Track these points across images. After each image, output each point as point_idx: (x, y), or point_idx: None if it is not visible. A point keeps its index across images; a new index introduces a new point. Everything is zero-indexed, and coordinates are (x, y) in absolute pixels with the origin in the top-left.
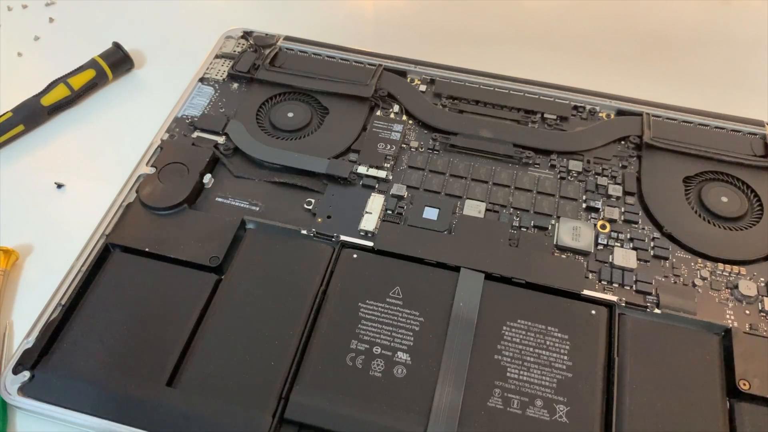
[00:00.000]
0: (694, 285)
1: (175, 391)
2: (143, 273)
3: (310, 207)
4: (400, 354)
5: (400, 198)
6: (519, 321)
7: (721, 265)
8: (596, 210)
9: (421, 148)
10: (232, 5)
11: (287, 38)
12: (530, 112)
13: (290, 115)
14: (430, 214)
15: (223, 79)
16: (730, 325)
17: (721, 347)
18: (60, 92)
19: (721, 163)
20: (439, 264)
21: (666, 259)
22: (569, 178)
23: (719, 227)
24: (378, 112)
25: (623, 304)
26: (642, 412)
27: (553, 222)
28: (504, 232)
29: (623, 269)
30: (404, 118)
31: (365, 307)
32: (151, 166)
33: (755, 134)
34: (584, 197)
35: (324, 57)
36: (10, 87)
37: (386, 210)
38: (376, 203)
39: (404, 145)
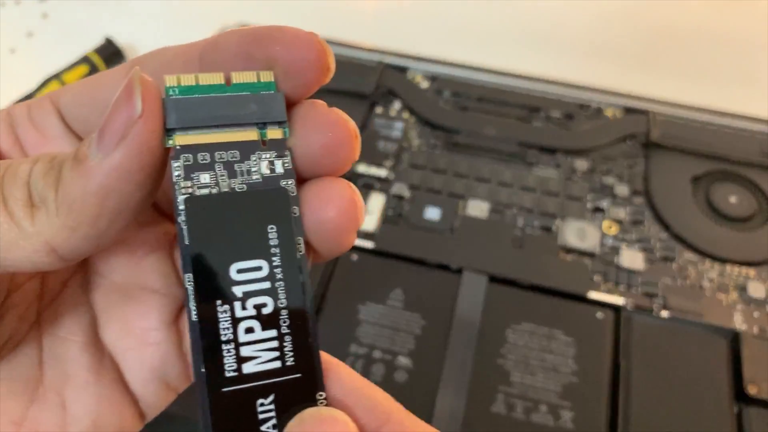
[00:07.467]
0: (701, 287)
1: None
2: None
3: None
4: (401, 358)
5: (401, 197)
6: (523, 324)
7: (729, 267)
8: (602, 210)
9: (423, 147)
10: None
11: None
12: (535, 110)
13: None
14: (432, 214)
15: None
16: (739, 328)
17: (729, 351)
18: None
19: (730, 162)
20: (441, 265)
21: (673, 260)
22: (575, 177)
23: (728, 228)
24: (378, 110)
25: (630, 308)
26: (648, 416)
27: (558, 222)
28: (508, 233)
29: (630, 271)
30: (405, 115)
31: (365, 309)
32: None
33: (765, 133)
34: (590, 197)
35: None
36: (3, 83)
37: (387, 210)
38: (376, 203)
39: (405, 144)
